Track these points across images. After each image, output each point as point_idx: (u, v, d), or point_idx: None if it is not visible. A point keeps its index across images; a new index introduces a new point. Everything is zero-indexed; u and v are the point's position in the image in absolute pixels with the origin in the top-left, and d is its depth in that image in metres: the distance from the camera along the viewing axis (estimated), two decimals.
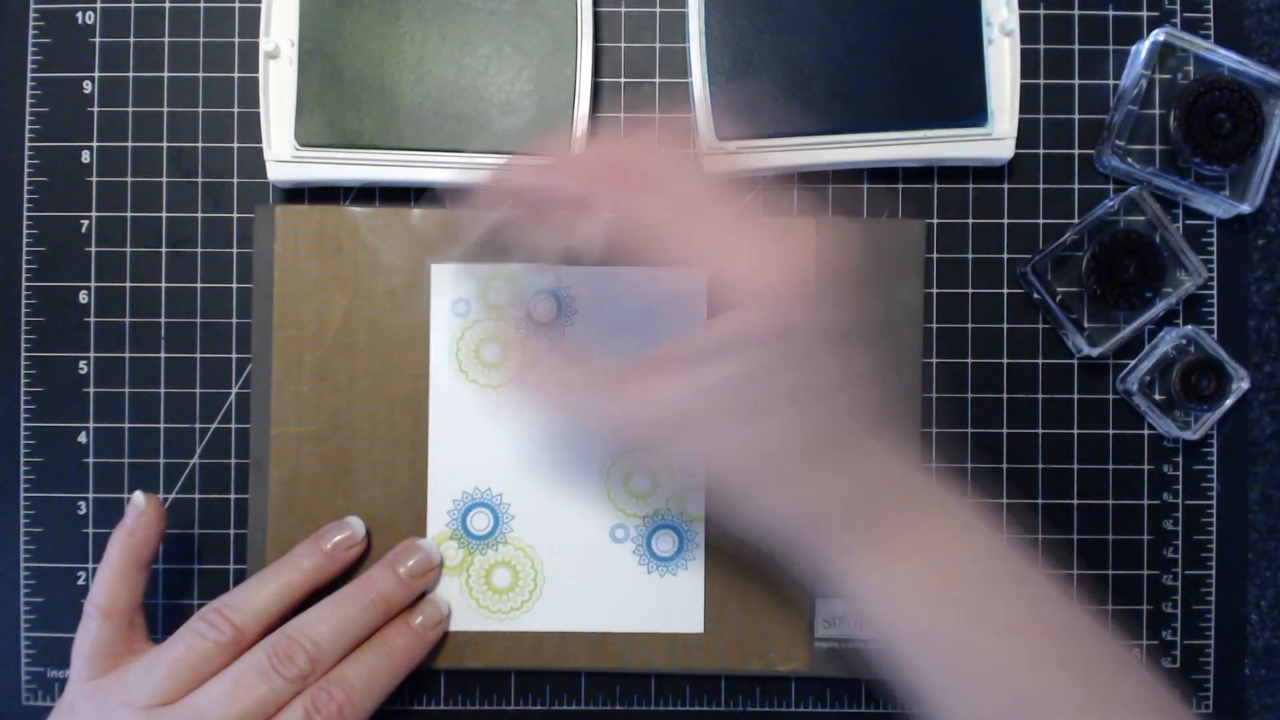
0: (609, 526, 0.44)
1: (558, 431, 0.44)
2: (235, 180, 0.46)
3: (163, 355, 0.46)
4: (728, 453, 0.36)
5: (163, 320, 0.46)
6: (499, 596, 0.44)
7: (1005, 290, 0.46)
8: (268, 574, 0.41)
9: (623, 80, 0.47)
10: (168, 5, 0.46)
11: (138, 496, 0.42)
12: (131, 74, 0.46)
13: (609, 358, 0.43)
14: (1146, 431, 0.46)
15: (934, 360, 0.46)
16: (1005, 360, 0.46)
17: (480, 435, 0.44)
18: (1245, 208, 0.45)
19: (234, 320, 0.46)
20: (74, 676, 0.40)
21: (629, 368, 0.37)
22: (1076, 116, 0.47)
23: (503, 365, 0.44)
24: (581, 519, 0.44)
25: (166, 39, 0.46)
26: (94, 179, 0.46)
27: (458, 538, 0.44)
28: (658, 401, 0.36)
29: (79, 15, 0.46)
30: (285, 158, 0.44)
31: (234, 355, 0.46)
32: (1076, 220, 0.46)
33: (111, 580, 0.40)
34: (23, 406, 0.46)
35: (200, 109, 0.46)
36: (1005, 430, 0.46)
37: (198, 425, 0.46)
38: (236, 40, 0.46)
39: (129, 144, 0.46)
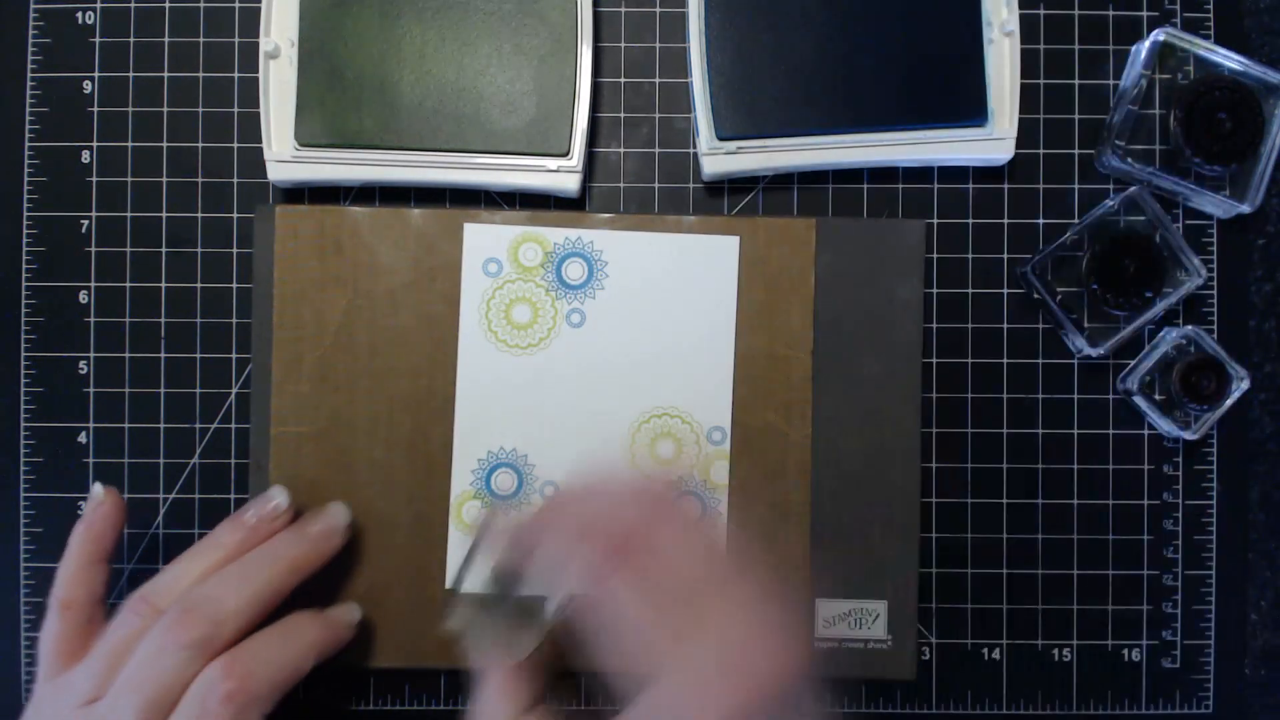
0: None
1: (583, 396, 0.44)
2: (235, 180, 0.46)
3: (163, 355, 0.46)
4: None
5: (163, 320, 0.46)
6: None
7: (1005, 290, 0.46)
8: (190, 555, 0.40)
9: (623, 80, 0.47)
10: (168, 5, 0.46)
11: (96, 489, 0.41)
12: (131, 74, 0.46)
13: (641, 325, 0.44)
14: (1146, 431, 0.46)
15: (934, 360, 0.46)
16: (1005, 360, 0.46)
17: (506, 396, 0.44)
18: (1245, 208, 0.45)
19: (234, 320, 0.46)
20: (39, 675, 0.39)
21: None
22: (1076, 116, 0.47)
23: (531, 327, 0.44)
24: None
25: (166, 39, 0.46)
26: (94, 179, 0.46)
27: (481, 497, 0.44)
28: None
29: (79, 15, 0.46)
30: (285, 158, 0.44)
31: (234, 355, 0.46)
32: (1076, 220, 0.46)
33: (72, 573, 0.40)
34: (23, 406, 0.46)
35: (200, 109, 0.46)
36: (1005, 430, 0.46)
37: (198, 425, 0.46)
38: (236, 40, 0.46)
39: (129, 144, 0.46)
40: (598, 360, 0.44)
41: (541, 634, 0.39)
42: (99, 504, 0.41)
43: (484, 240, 0.44)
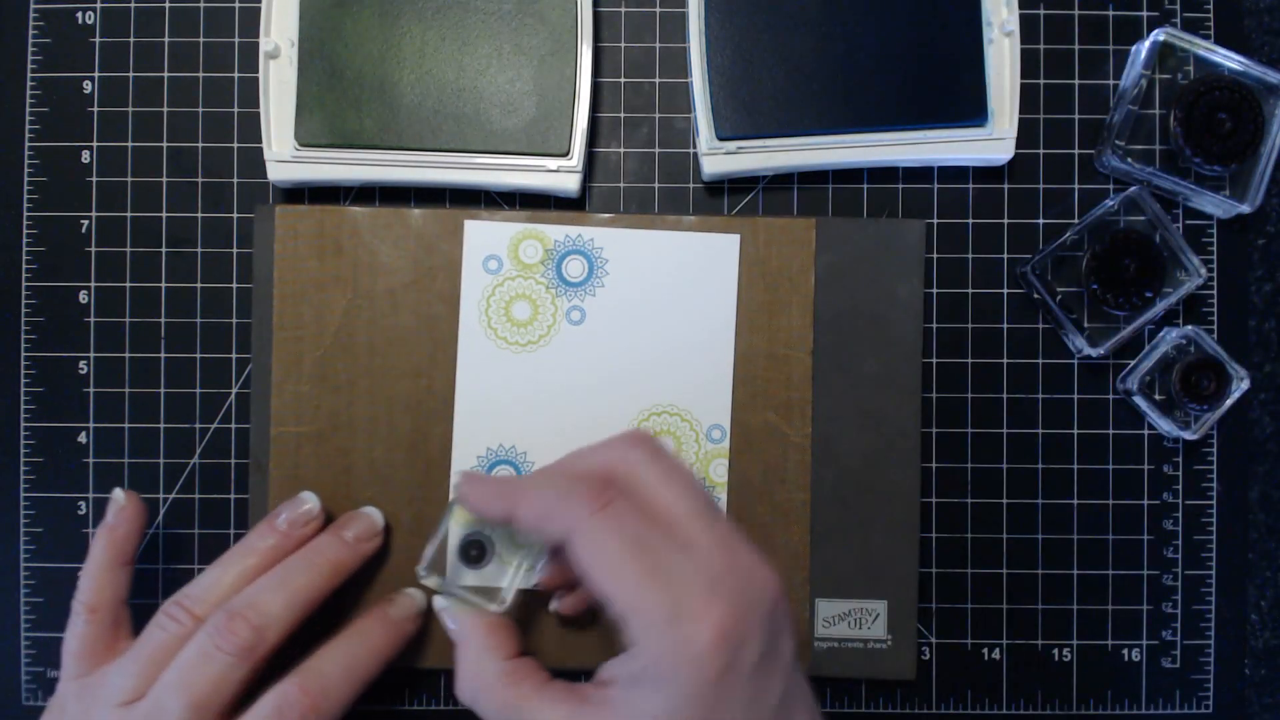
0: None
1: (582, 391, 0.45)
2: (235, 180, 0.46)
3: (163, 355, 0.46)
4: None
5: (163, 320, 0.46)
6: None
7: (1005, 290, 0.46)
8: (225, 560, 0.41)
9: (623, 80, 0.47)
10: (168, 5, 0.46)
11: (118, 493, 0.42)
12: (131, 74, 0.46)
13: (641, 323, 0.44)
14: (1146, 431, 0.46)
15: (934, 360, 0.46)
16: (1005, 360, 0.46)
17: (505, 393, 0.44)
18: (1245, 208, 0.45)
19: (234, 320, 0.46)
20: (64, 675, 0.40)
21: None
22: (1076, 116, 0.47)
23: (531, 324, 0.44)
24: None
25: (166, 39, 0.46)
26: (94, 179, 0.46)
27: None
28: None
29: (79, 15, 0.46)
30: (285, 158, 0.44)
31: (234, 355, 0.46)
32: (1076, 220, 0.46)
33: (96, 577, 0.40)
34: (23, 406, 0.46)
35: (200, 109, 0.46)
36: (1005, 430, 0.46)
37: (198, 425, 0.46)
38: (236, 40, 0.46)
39: (129, 144, 0.46)
40: (597, 357, 0.44)
41: (517, 587, 0.41)
42: (121, 508, 0.41)
43: (484, 237, 0.44)
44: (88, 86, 0.46)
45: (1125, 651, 0.46)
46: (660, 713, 0.33)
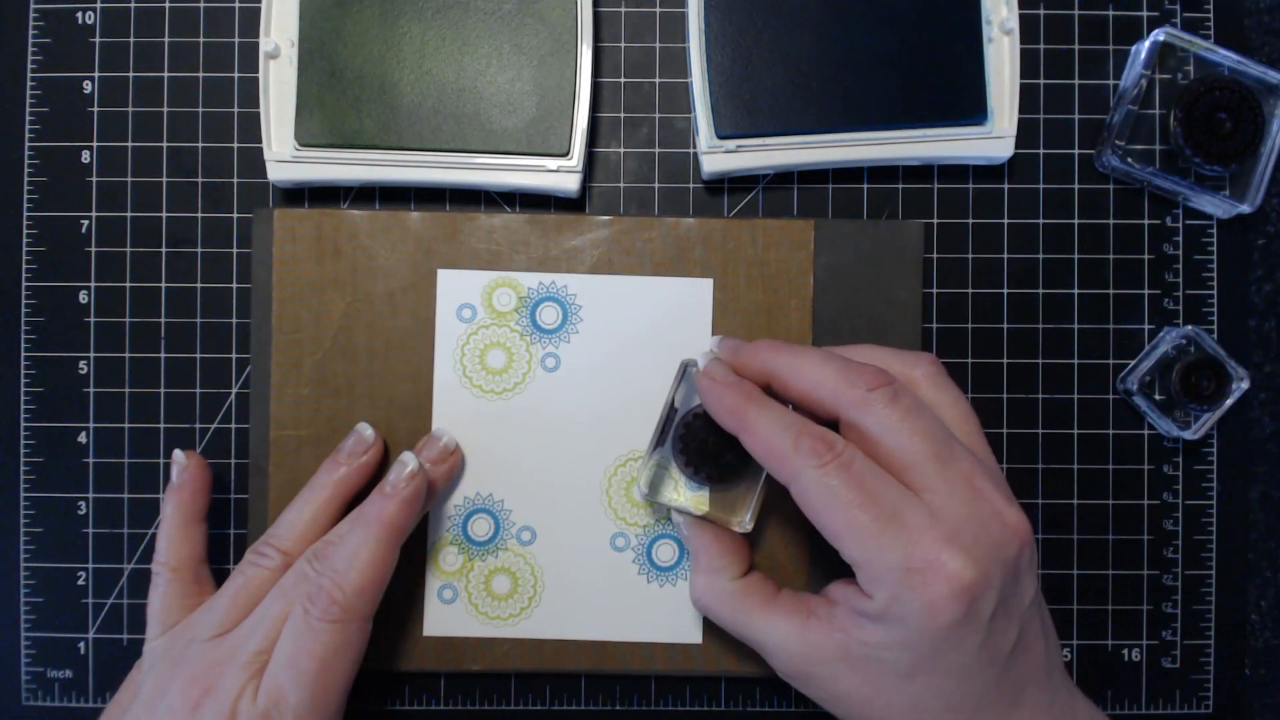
0: (609, 535, 0.44)
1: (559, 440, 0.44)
2: (235, 180, 0.46)
3: (163, 355, 0.46)
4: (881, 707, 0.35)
5: (163, 320, 0.46)
6: (498, 603, 0.44)
7: (1005, 290, 0.46)
8: (300, 501, 0.42)
9: (623, 80, 0.46)
10: (168, 5, 0.46)
11: (178, 454, 0.43)
12: (131, 74, 0.46)
13: (615, 369, 0.44)
14: (1146, 431, 0.46)
15: None
16: (1005, 360, 0.46)
17: (482, 441, 0.44)
18: (1245, 208, 0.45)
19: (234, 320, 0.46)
20: (149, 635, 0.41)
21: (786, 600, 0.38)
22: (1076, 116, 0.47)
23: (506, 372, 0.44)
24: (582, 527, 0.44)
25: (166, 39, 0.46)
26: (94, 179, 0.46)
27: (458, 543, 0.44)
28: (806, 646, 0.37)
29: (79, 15, 0.46)
30: (285, 158, 0.44)
31: (234, 355, 0.46)
32: (1078, 217, 0.46)
33: (171, 536, 0.42)
34: (23, 406, 0.46)
35: (200, 109, 0.46)
36: (1005, 430, 0.46)
37: (198, 425, 0.46)
38: (236, 40, 0.46)
39: (129, 144, 0.46)
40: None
41: (759, 506, 0.41)
42: (184, 467, 0.42)
43: (457, 286, 0.44)
44: (88, 86, 0.46)
45: (1125, 651, 0.46)
46: (886, 647, 0.34)
